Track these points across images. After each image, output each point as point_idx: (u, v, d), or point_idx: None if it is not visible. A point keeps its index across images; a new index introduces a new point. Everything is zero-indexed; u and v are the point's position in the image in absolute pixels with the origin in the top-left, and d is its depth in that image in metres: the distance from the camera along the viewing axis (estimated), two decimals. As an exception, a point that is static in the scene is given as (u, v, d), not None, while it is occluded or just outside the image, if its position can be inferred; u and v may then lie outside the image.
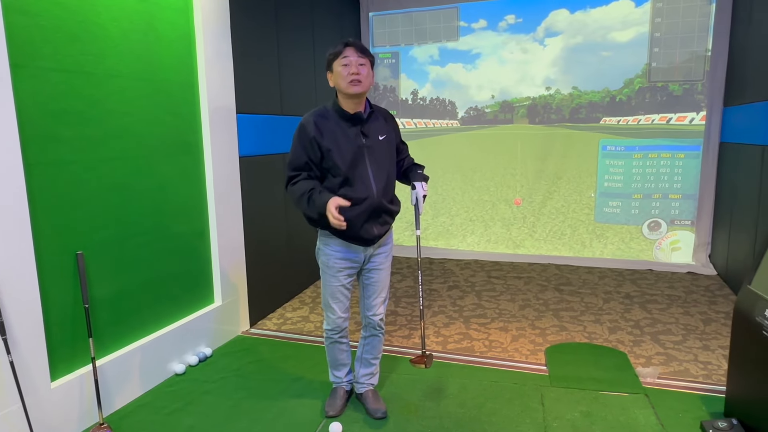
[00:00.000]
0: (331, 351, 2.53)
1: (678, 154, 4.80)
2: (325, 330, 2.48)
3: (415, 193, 2.38)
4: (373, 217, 2.28)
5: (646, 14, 4.72)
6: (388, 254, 2.44)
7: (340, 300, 2.39)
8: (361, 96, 2.24)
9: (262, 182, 3.71)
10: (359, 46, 2.20)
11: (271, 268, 3.88)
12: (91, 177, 2.44)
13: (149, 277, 2.80)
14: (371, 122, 2.30)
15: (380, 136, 2.30)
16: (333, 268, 2.35)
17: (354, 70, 2.16)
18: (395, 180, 2.42)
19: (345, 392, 2.58)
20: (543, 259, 5.14)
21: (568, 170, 5.15)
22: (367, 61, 2.21)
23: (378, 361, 2.58)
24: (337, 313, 2.41)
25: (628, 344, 3.21)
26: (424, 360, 2.38)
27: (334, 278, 2.36)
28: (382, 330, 2.50)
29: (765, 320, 2.04)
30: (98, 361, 2.45)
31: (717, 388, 2.63)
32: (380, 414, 2.45)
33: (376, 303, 2.43)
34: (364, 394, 2.55)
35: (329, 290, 2.38)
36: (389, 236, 2.44)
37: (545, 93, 5.15)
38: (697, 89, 4.65)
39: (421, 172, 2.44)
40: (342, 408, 2.52)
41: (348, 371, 2.60)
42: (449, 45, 5.37)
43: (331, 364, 2.59)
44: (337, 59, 2.20)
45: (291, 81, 4.06)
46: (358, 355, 2.58)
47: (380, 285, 2.42)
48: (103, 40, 2.46)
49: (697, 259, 4.79)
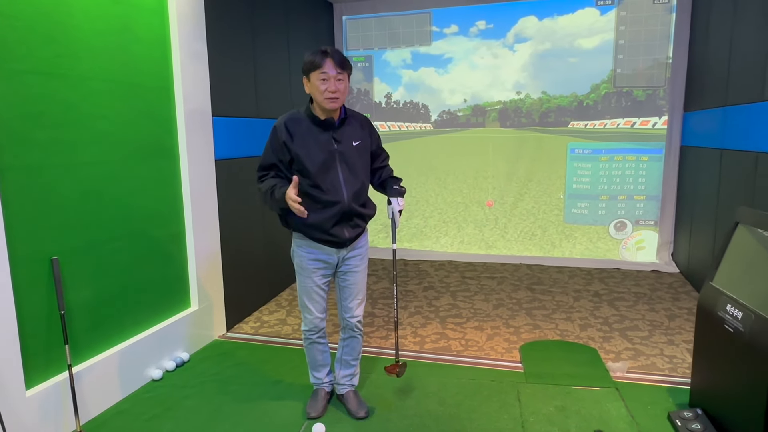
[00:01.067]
0: (310, 352, 2.55)
1: (642, 156, 4.99)
2: (303, 331, 2.50)
3: (392, 208, 2.40)
4: (344, 221, 2.32)
5: (610, 22, 4.90)
6: (362, 256, 2.48)
7: (316, 300, 2.42)
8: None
9: (238, 185, 3.70)
10: (338, 59, 2.19)
11: (248, 272, 3.86)
12: (67, 181, 2.40)
13: (125, 282, 2.76)
14: (345, 128, 2.33)
15: (354, 142, 2.33)
16: (307, 269, 2.38)
17: (332, 88, 2.18)
18: (368, 185, 2.46)
19: (326, 393, 2.61)
20: (515, 259, 5.26)
21: (538, 172, 5.29)
22: (345, 75, 2.22)
23: (358, 362, 2.61)
24: (314, 313, 2.43)
25: (598, 340, 3.33)
26: (397, 369, 2.43)
27: (309, 279, 2.39)
28: (360, 331, 2.54)
29: (727, 315, 2.16)
30: (74, 368, 2.41)
31: (682, 381, 2.76)
32: (362, 414, 2.48)
33: (353, 305, 2.47)
34: (345, 395, 2.58)
35: (305, 291, 2.41)
36: (363, 239, 2.47)
37: (516, 97, 5.28)
38: (660, 95, 4.85)
39: (397, 187, 2.45)
40: (324, 409, 2.54)
41: (328, 372, 2.62)
42: (422, 49, 5.45)
43: (311, 366, 2.60)
44: (315, 71, 2.19)
45: (266, 84, 4.06)
46: (337, 357, 2.61)
47: (356, 287, 2.46)
48: (77, 42, 2.42)
49: (660, 257, 4.99)
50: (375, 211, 2.47)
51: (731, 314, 2.13)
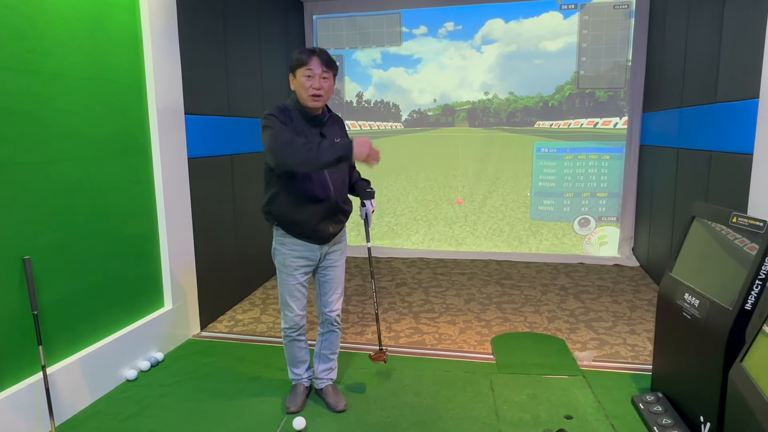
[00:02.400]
0: (290, 349, 2.58)
1: (604, 155, 5.20)
2: (284, 329, 2.53)
3: (365, 210, 2.58)
4: (329, 217, 2.37)
5: (573, 26, 5.08)
6: (342, 251, 2.54)
7: (298, 298, 2.45)
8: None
9: (212, 183, 3.68)
10: (324, 58, 2.25)
11: (221, 271, 3.85)
12: (38, 179, 2.36)
13: (98, 282, 2.73)
14: (329, 126, 2.40)
15: (336, 140, 2.37)
16: (290, 266, 2.41)
17: (316, 85, 2.23)
18: (348, 183, 2.52)
19: (305, 388, 2.64)
20: (484, 255, 5.39)
21: (506, 171, 5.44)
22: (331, 73, 2.28)
23: (336, 356, 2.66)
24: (295, 311, 2.47)
25: (565, 332, 3.47)
26: (384, 356, 2.59)
27: (291, 276, 2.42)
28: (339, 326, 2.59)
29: (685, 303, 2.31)
30: (48, 369, 2.37)
31: (644, 367, 2.92)
32: (341, 407, 2.53)
33: (333, 299, 2.52)
34: (324, 389, 2.62)
35: (287, 288, 2.44)
36: (343, 234, 2.54)
37: (484, 97, 5.41)
38: (620, 96, 5.06)
39: (370, 190, 2.56)
40: (303, 404, 2.57)
41: (307, 368, 2.66)
42: (392, 49, 5.51)
43: (290, 362, 2.63)
44: (301, 68, 2.24)
45: (238, 82, 4.05)
46: (316, 352, 2.65)
47: (336, 281, 2.51)
48: (49, 38, 2.39)
49: (622, 252, 5.21)
50: (352, 207, 2.54)
51: (689, 302, 2.27)
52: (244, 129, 4.11)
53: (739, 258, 2.09)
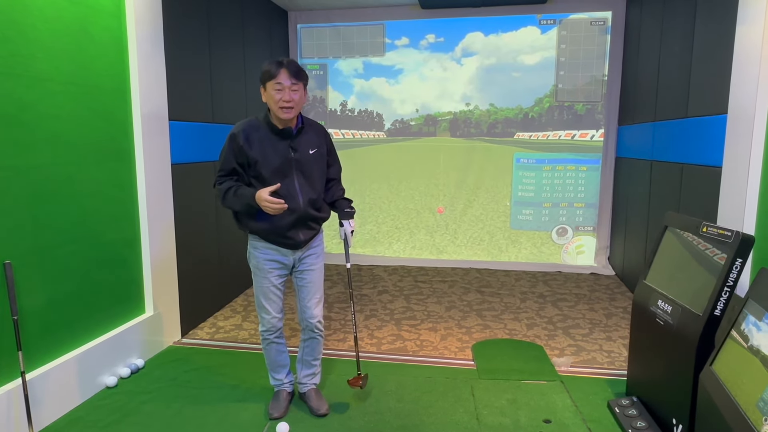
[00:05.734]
0: (269, 353, 2.59)
1: (581, 167, 5.33)
2: (261, 332, 2.55)
3: (344, 230, 2.57)
4: (298, 225, 2.40)
5: (551, 40, 5.22)
6: (318, 255, 2.56)
7: (273, 300, 2.48)
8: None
9: (194, 190, 3.68)
10: (293, 69, 2.26)
11: (202, 277, 3.83)
12: (20, 183, 2.34)
13: (79, 287, 2.71)
14: (301, 137, 2.41)
15: (310, 150, 2.42)
16: (263, 269, 2.44)
17: (286, 98, 2.25)
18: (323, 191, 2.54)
19: (287, 394, 2.65)
20: (464, 263, 5.46)
21: (486, 180, 5.53)
22: (301, 85, 2.28)
23: (318, 362, 2.67)
24: (271, 313, 2.49)
25: (543, 338, 3.54)
26: (360, 382, 2.57)
27: (265, 279, 2.45)
28: (320, 332, 2.59)
29: (658, 309, 2.39)
30: (27, 375, 2.34)
31: (619, 372, 3.00)
32: (323, 411, 2.55)
33: (312, 304, 2.52)
34: (307, 393, 2.63)
35: (261, 291, 2.47)
36: (318, 239, 2.56)
37: (465, 108, 5.51)
38: (597, 109, 5.21)
39: (348, 209, 2.58)
40: (286, 410, 2.58)
41: (288, 372, 2.67)
42: (374, 60, 5.58)
43: (270, 367, 2.64)
44: (270, 81, 2.26)
45: (222, 89, 4.07)
46: (299, 358, 2.66)
47: (314, 285, 2.53)
48: (34, 42, 2.38)
49: (598, 261, 5.33)
50: (329, 214, 2.58)
51: (662, 309, 2.36)
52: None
53: (709, 266, 2.18)
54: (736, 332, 1.93)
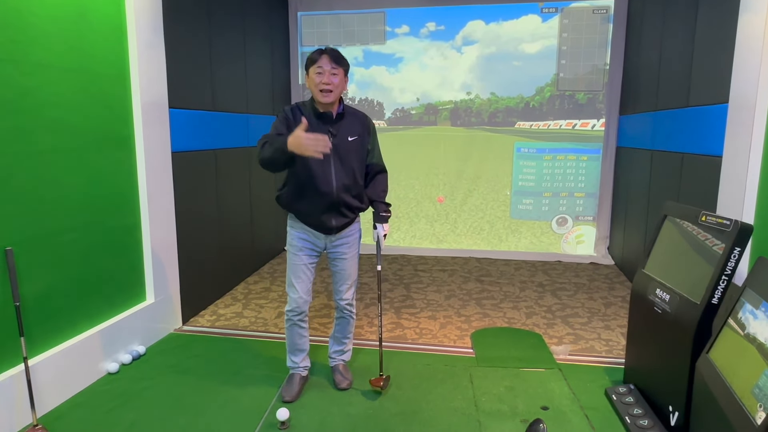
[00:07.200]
0: (291, 334, 2.64)
1: (582, 156, 5.33)
2: (287, 311, 2.60)
3: (377, 233, 2.65)
4: (331, 210, 2.47)
5: (552, 29, 5.18)
6: (351, 244, 2.61)
7: (302, 279, 2.54)
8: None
9: (195, 178, 3.68)
10: (334, 55, 2.39)
11: (203, 265, 3.85)
12: (21, 170, 2.34)
13: (81, 274, 2.72)
14: (342, 122, 2.48)
15: (350, 137, 2.48)
16: (295, 246, 2.53)
17: (326, 80, 2.35)
18: (362, 179, 2.57)
19: (301, 378, 2.69)
20: (464, 253, 5.48)
21: (487, 170, 5.53)
22: (341, 70, 2.39)
23: (348, 340, 2.78)
24: (299, 292, 2.54)
25: (542, 327, 3.56)
26: (381, 382, 2.63)
27: (296, 257, 2.53)
28: (350, 313, 2.69)
29: (656, 298, 2.40)
30: (30, 361, 2.36)
31: (617, 361, 3.02)
32: (343, 386, 2.67)
33: (343, 289, 2.63)
34: (334, 367, 2.77)
35: (292, 269, 2.55)
36: (353, 228, 2.61)
37: (466, 97, 5.49)
38: (599, 99, 5.19)
39: (384, 214, 2.64)
40: (298, 394, 2.62)
41: (305, 358, 2.72)
42: (374, 48, 5.55)
43: (290, 349, 2.69)
44: (312, 66, 2.37)
45: (222, 77, 4.05)
46: (332, 334, 2.80)
47: (346, 273, 2.61)
48: (33, 28, 2.37)
49: (598, 250, 5.35)
50: (367, 205, 2.63)
51: (660, 297, 2.37)
52: (228, 124, 4.12)
53: (707, 255, 2.19)
54: (733, 320, 1.95)
